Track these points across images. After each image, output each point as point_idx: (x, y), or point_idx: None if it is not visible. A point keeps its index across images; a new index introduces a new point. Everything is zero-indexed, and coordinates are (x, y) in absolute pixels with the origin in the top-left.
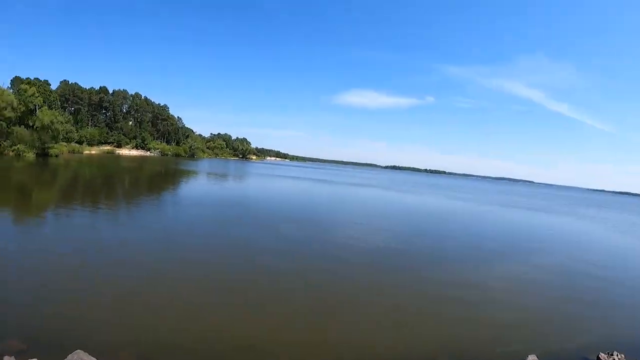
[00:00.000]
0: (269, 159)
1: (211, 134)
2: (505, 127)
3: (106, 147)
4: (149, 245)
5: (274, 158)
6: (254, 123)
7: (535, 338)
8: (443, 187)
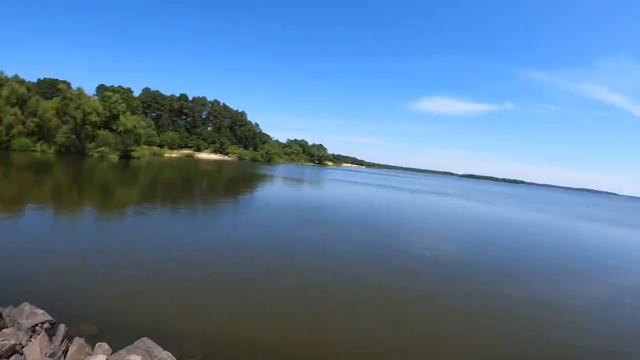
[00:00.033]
0: (345, 165)
1: (288, 139)
2: (588, 135)
3: (186, 151)
4: (221, 244)
5: (349, 164)
6: (330, 129)
7: None
8: (520, 198)
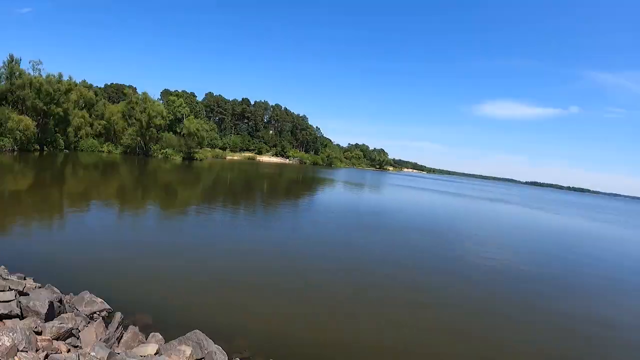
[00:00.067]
0: (406, 170)
1: (349, 144)
2: None
3: (247, 154)
4: (279, 247)
5: (410, 170)
6: (391, 134)
7: None
8: (585, 207)
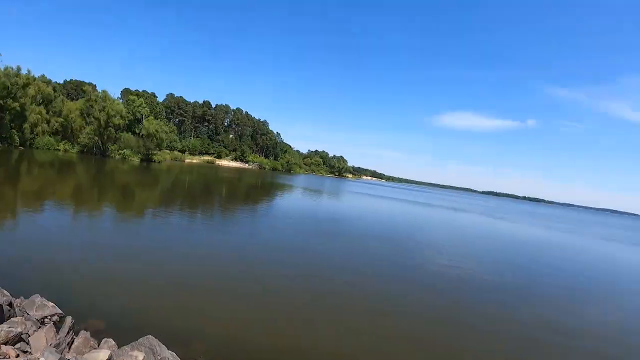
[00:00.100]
0: (365, 178)
1: (308, 150)
2: (611, 154)
3: (207, 157)
4: (236, 251)
5: (369, 177)
6: (351, 141)
7: None
8: (542, 217)
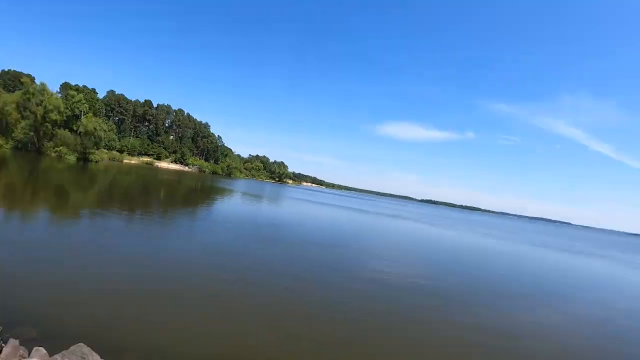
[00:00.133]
0: (305, 184)
1: (250, 155)
2: (545, 166)
3: (146, 159)
4: (173, 256)
5: (310, 184)
6: (292, 147)
7: None
8: (477, 224)
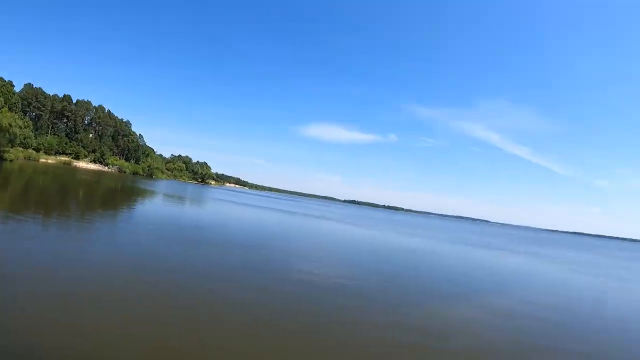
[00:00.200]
0: (229, 185)
1: (172, 155)
2: (463, 168)
3: (63, 158)
4: (92, 259)
5: (233, 185)
6: (215, 147)
7: None
8: (401, 224)
